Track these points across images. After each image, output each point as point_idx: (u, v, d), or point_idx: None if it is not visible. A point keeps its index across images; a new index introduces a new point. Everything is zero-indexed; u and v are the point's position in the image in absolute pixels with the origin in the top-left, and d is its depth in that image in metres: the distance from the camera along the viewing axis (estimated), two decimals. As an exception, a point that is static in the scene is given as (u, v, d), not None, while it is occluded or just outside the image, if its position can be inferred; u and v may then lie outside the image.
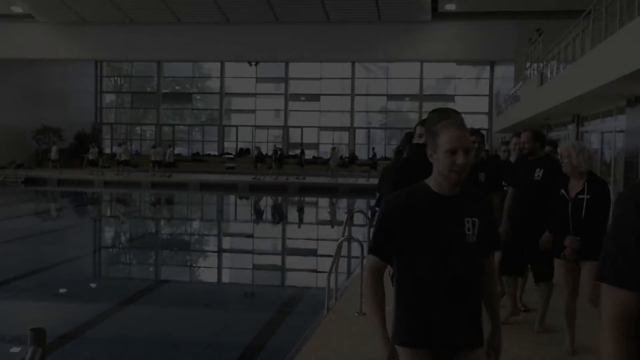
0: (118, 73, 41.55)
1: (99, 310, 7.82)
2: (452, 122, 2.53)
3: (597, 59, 11.43)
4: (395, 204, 2.57)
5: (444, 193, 2.52)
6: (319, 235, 16.42)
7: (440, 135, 2.50)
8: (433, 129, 2.56)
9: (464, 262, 2.51)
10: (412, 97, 37.63)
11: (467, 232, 2.51)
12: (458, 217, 2.52)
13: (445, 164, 2.46)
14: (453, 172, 2.46)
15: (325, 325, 5.88)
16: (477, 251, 2.55)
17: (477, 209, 2.58)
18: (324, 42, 32.66)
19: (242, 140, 38.08)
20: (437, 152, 2.49)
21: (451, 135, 2.47)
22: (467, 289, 2.52)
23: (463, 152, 2.45)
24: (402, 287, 2.58)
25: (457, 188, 2.53)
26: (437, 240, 2.48)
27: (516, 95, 24.29)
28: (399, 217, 2.51)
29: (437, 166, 2.51)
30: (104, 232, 16.66)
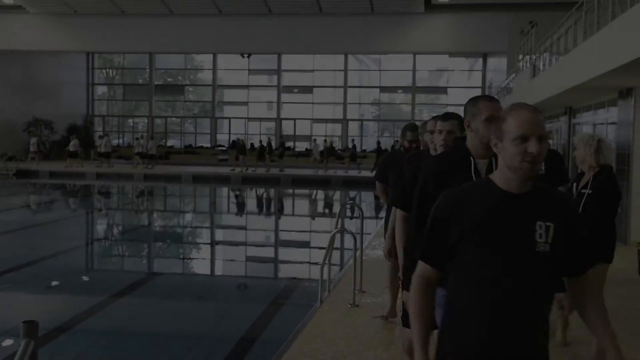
0: (110, 65, 41.34)
1: (91, 303, 7.81)
2: (522, 104, 2.16)
3: (589, 51, 11.46)
4: (454, 201, 2.18)
5: (512, 190, 2.13)
6: (312, 227, 16.43)
7: (507, 120, 2.14)
8: (500, 115, 2.20)
9: (532, 276, 2.09)
10: (405, 89, 37.63)
11: (539, 239, 2.09)
12: (528, 219, 2.11)
13: (514, 153, 2.08)
14: (525, 162, 2.07)
15: (319, 317, 5.89)
16: (551, 264, 2.11)
17: (555, 213, 2.14)
18: (317, 34, 32.60)
19: (234, 132, 37.98)
20: (504, 140, 2.13)
21: (522, 119, 2.10)
22: (531, 309, 2.10)
23: (536, 139, 2.08)
24: (455, 298, 2.18)
25: (528, 183, 2.13)
26: (499, 248, 2.09)
27: (509, 88, 24.35)
28: (458, 218, 2.14)
29: (504, 157, 2.13)
30: (96, 225, 16.62)
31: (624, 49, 9.06)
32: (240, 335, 6.50)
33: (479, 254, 2.09)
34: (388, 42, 32.54)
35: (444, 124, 3.49)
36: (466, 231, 2.11)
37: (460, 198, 2.18)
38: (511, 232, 2.09)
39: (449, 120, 3.51)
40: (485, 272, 2.09)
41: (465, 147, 2.92)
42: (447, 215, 2.16)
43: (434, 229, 2.19)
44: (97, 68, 40.01)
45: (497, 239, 2.08)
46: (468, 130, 2.90)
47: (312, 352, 4.91)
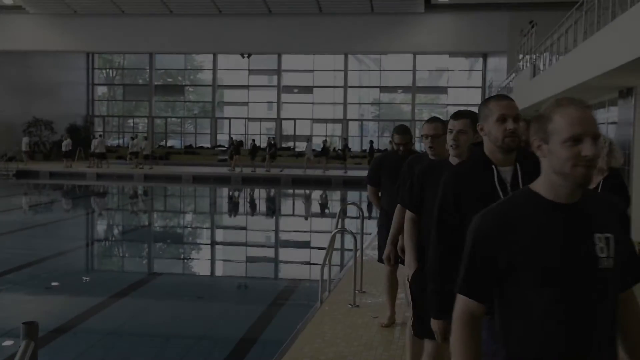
0: (110, 65, 41.35)
1: (91, 304, 7.80)
2: (569, 100, 1.86)
3: (589, 51, 11.45)
4: (497, 221, 1.86)
5: (561, 200, 1.83)
6: (312, 227, 16.42)
7: (554, 119, 1.82)
8: (542, 112, 1.88)
9: (595, 295, 1.81)
10: (405, 89, 37.62)
11: (600, 254, 1.81)
12: (585, 233, 1.82)
13: (565, 157, 1.77)
14: (580, 166, 1.77)
15: (319, 317, 5.89)
16: (614, 280, 1.85)
17: (610, 221, 1.87)
18: (317, 34, 32.59)
19: (234, 132, 37.97)
20: (551, 142, 1.81)
21: (572, 117, 1.80)
22: (596, 333, 1.82)
23: (591, 139, 1.79)
24: (508, 330, 1.87)
25: (579, 192, 1.83)
26: (558, 270, 1.80)
27: (509, 87, 24.32)
28: (503, 241, 1.82)
29: (552, 162, 1.81)
30: (95, 226, 16.61)
31: (624, 49, 9.05)
32: (241, 335, 6.49)
33: (534, 279, 1.80)
34: (388, 42, 32.53)
35: (455, 122, 3.28)
36: (516, 255, 1.81)
37: (503, 217, 1.86)
38: (569, 250, 1.79)
39: (460, 118, 3.29)
40: (543, 301, 1.80)
41: (484, 153, 2.68)
42: (490, 239, 1.85)
43: (475, 257, 1.87)
44: (97, 68, 40.02)
45: (554, 260, 1.79)
46: (482, 135, 2.69)
47: (312, 352, 4.90)
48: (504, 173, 2.62)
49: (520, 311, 1.83)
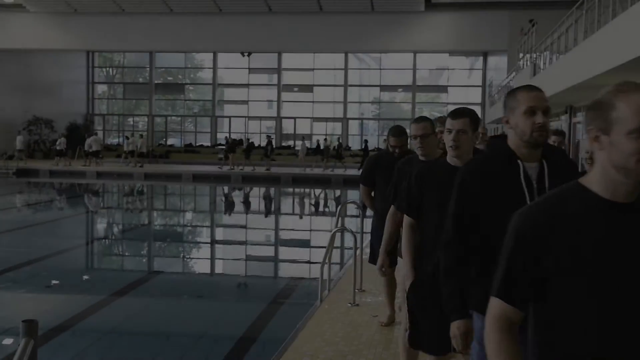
0: (110, 64, 41.34)
1: (91, 302, 7.80)
2: (633, 84, 1.63)
3: (589, 50, 11.44)
4: (541, 220, 1.63)
5: (618, 198, 1.61)
6: (312, 226, 16.42)
7: (617, 107, 1.58)
8: (601, 99, 1.65)
9: None
10: (405, 87, 37.61)
11: None
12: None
13: (630, 150, 1.54)
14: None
15: (318, 316, 5.88)
16: None
17: None
18: (317, 32, 32.56)
19: (234, 131, 37.97)
20: (613, 132, 1.58)
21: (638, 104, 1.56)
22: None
23: None
24: (546, 342, 1.66)
25: (638, 190, 1.62)
26: (613, 277, 1.57)
27: (509, 86, 24.31)
28: (549, 242, 1.60)
29: (612, 156, 1.58)
30: (95, 224, 16.61)
31: (625, 47, 9.04)
32: (240, 334, 6.49)
33: (586, 286, 1.58)
34: (388, 41, 32.50)
35: (454, 122, 3.14)
36: (564, 258, 1.58)
37: (549, 215, 1.63)
38: (627, 254, 1.57)
39: (459, 118, 3.13)
40: (595, 313, 1.57)
41: (508, 147, 2.49)
42: (534, 238, 1.62)
43: (516, 259, 1.65)
44: (97, 67, 40.02)
45: (609, 265, 1.57)
46: (507, 127, 2.51)
47: (312, 351, 4.90)
48: (530, 169, 2.46)
49: (564, 321, 1.61)
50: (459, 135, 3.09)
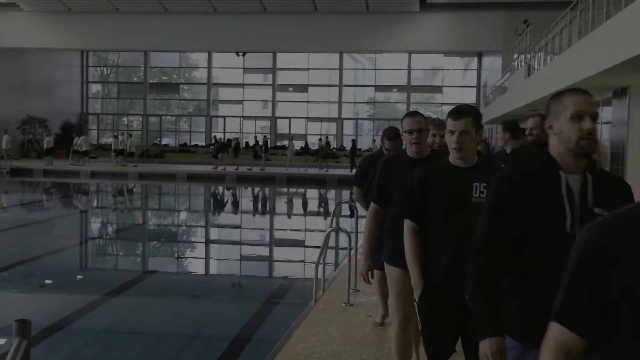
0: (104, 63, 41.26)
1: (85, 302, 7.78)
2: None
3: (583, 51, 11.47)
4: (613, 238, 1.40)
5: None
6: (307, 226, 16.42)
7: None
8: None
9: None
10: (400, 88, 37.66)
11: None
12: None
13: None
14: None
15: (313, 316, 5.88)
16: None
17: None
18: (312, 32, 32.55)
19: (229, 131, 37.96)
20: None
21: None
22: None
23: None
24: None
25: None
26: None
27: (504, 87, 24.37)
28: (619, 263, 1.37)
29: None
30: (90, 224, 16.57)
31: (619, 48, 9.07)
32: (235, 334, 6.48)
33: None
34: (383, 41, 32.52)
35: (456, 123, 2.96)
36: (634, 283, 1.36)
37: (622, 233, 1.41)
38: None
39: (462, 118, 2.96)
40: None
41: (549, 155, 2.24)
42: (602, 260, 1.41)
43: (581, 281, 1.45)
44: (91, 66, 39.93)
45: None
46: (551, 133, 2.25)
47: (306, 351, 4.90)
48: (573, 182, 2.18)
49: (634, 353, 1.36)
50: (463, 137, 2.93)
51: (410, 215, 3.19)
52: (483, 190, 2.90)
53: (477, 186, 2.94)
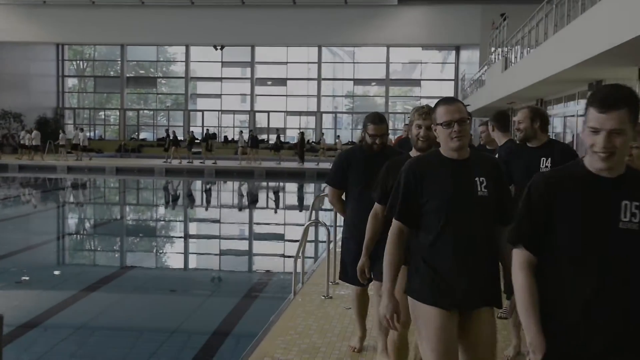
0: (80, 57, 40.79)
1: (61, 298, 7.70)
2: None
3: (559, 44, 11.57)
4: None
5: None
6: (286, 219, 16.41)
7: None
8: None
9: None
10: (379, 81, 37.73)
11: None
12: None
13: None
14: None
15: (292, 309, 5.88)
16: None
17: None
18: (291, 26, 32.48)
19: (208, 125, 37.76)
20: None
21: None
22: None
23: None
24: None
25: None
26: None
27: (481, 80, 24.52)
28: None
29: None
30: (66, 219, 16.39)
31: (593, 42, 9.16)
32: (214, 328, 6.46)
33: None
34: (361, 35, 32.54)
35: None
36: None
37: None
38: None
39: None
40: None
41: None
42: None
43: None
44: (67, 60, 39.45)
45: None
46: None
47: (285, 344, 4.90)
48: None
49: None
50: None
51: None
52: None
53: None
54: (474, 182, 2.78)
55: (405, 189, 2.82)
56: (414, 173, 2.81)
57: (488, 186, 2.78)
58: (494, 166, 2.92)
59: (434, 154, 2.92)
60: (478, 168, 2.83)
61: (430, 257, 2.76)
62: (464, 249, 2.72)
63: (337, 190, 4.59)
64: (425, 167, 2.84)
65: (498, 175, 2.88)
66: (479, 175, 2.79)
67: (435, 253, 2.75)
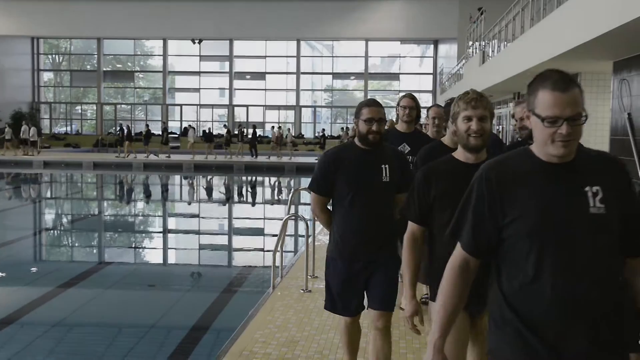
0: (56, 50, 40.28)
1: (37, 294, 7.63)
2: None
3: (535, 38, 11.67)
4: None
5: None
6: (265, 214, 16.39)
7: None
8: None
9: None
10: (358, 75, 37.77)
11: None
12: None
13: None
14: None
15: (271, 303, 5.89)
16: None
17: None
18: (269, 19, 32.36)
19: (186, 119, 37.55)
20: None
21: None
22: None
23: None
24: None
25: None
26: None
27: (459, 74, 24.65)
28: None
29: None
30: (43, 215, 16.22)
31: (569, 35, 9.25)
32: (193, 323, 6.44)
33: None
34: (340, 28, 32.54)
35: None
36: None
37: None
38: None
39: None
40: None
41: None
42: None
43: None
44: (42, 54, 38.95)
45: None
46: None
47: (264, 337, 4.90)
48: None
49: None
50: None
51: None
52: None
53: None
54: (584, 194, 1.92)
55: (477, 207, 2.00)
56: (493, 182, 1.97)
57: (605, 199, 1.90)
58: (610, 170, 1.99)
59: (522, 154, 2.02)
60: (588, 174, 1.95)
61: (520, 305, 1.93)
62: None
63: (322, 197, 3.68)
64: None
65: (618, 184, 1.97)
66: (590, 184, 1.92)
67: None
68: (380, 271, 3.53)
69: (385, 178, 3.48)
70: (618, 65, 10.09)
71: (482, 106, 2.73)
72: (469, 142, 2.72)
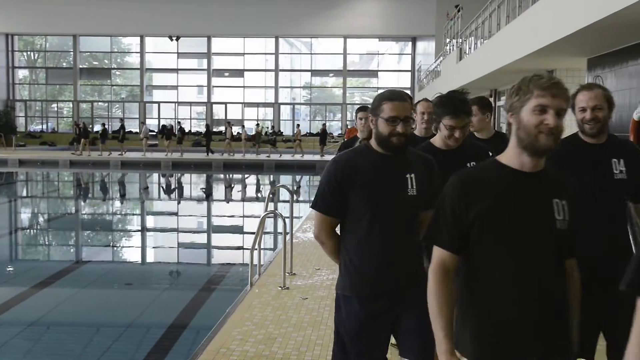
0: (31, 47, 39.77)
1: (13, 293, 7.55)
2: None
3: (511, 35, 11.78)
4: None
5: None
6: (244, 211, 16.35)
7: None
8: None
9: None
10: (336, 72, 37.80)
11: None
12: None
13: None
14: None
15: (249, 300, 5.88)
16: None
17: None
18: (248, 16, 32.26)
19: (164, 117, 37.31)
20: None
21: None
22: None
23: None
24: None
25: None
26: None
27: (437, 71, 24.78)
28: None
29: None
30: (19, 214, 16.03)
31: (544, 32, 9.36)
32: (170, 321, 6.42)
33: None
34: (318, 26, 32.54)
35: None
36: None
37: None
38: None
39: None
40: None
41: None
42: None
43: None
44: (17, 51, 38.44)
45: None
46: None
47: (241, 334, 4.90)
48: None
49: None
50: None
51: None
52: None
53: None
54: None
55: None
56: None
57: None
58: None
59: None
60: None
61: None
62: None
63: (330, 218, 2.77)
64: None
65: None
66: None
67: None
68: (412, 312, 2.66)
69: (412, 191, 2.67)
70: (592, 62, 10.23)
71: (563, 96, 1.98)
72: (538, 141, 1.97)
